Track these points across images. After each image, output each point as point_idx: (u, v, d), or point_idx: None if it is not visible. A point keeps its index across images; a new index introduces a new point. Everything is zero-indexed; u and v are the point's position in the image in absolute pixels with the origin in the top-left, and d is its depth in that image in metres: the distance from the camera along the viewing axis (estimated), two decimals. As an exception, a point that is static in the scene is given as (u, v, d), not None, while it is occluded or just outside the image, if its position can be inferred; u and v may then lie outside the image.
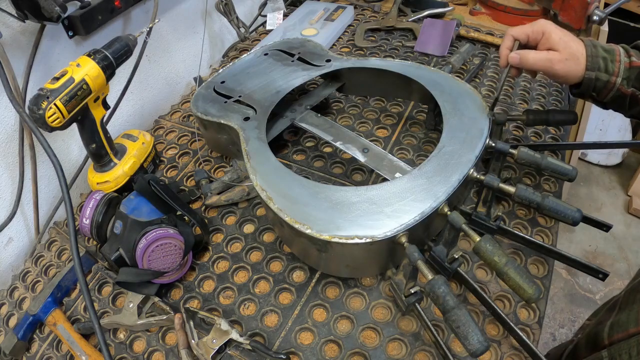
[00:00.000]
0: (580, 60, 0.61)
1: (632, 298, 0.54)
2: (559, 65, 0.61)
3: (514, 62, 0.65)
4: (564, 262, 0.63)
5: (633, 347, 0.48)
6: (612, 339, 0.52)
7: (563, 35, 0.62)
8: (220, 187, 0.79)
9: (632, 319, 0.51)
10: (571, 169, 0.64)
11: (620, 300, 0.57)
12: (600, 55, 0.61)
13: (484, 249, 0.52)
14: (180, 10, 1.06)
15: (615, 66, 0.61)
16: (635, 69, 0.61)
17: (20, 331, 0.64)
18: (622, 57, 0.61)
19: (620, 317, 0.53)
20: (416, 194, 0.58)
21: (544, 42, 0.63)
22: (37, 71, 0.76)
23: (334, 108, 0.95)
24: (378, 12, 1.27)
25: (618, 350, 0.50)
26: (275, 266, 0.69)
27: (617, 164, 2.26)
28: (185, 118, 1.01)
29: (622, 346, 0.49)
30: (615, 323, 0.54)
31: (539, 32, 0.63)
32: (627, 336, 0.50)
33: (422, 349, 0.57)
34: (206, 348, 0.58)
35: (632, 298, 0.54)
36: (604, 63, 0.61)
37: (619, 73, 0.61)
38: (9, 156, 0.77)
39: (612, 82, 0.61)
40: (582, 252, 1.93)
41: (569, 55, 0.61)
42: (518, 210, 0.72)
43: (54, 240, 0.80)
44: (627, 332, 0.50)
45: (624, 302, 0.56)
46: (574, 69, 0.61)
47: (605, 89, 0.62)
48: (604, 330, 0.54)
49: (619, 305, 0.57)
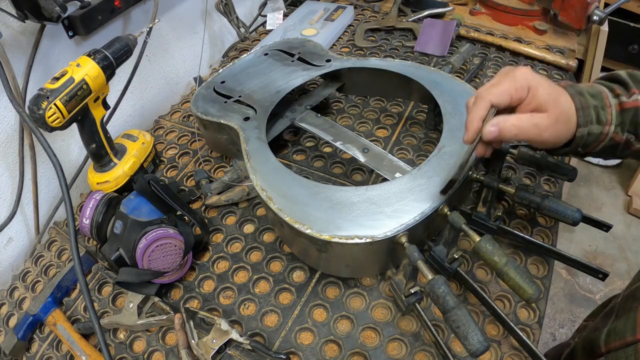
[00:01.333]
0: (571, 118, 0.49)
1: (628, 305, 0.52)
2: (547, 131, 0.48)
3: (490, 137, 0.48)
4: (564, 262, 0.63)
5: (630, 356, 0.47)
6: (609, 347, 0.52)
7: (551, 90, 0.48)
8: (220, 187, 0.79)
9: (629, 327, 0.50)
10: (571, 168, 0.64)
11: (617, 306, 0.56)
12: (590, 104, 0.49)
13: (484, 249, 0.52)
14: (180, 10, 1.06)
15: (607, 113, 0.50)
16: (629, 112, 0.50)
17: (20, 331, 0.64)
18: (611, 100, 0.50)
19: (617, 324, 0.52)
20: (416, 194, 0.58)
21: (530, 100, 0.48)
22: (37, 71, 0.76)
23: (334, 108, 0.95)
24: (378, 12, 1.27)
25: (615, 358, 0.49)
26: (275, 266, 0.69)
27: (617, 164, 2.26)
28: (185, 118, 1.01)
29: (620, 355, 0.49)
30: (612, 330, 0.53)
31: (524, 89, 0.48)
32: (624, 345, 0.49)
33: (422, 349, 0.57)
34: (206, 348, 0.58)
35: (629, 305, 0.52)
36: (595, 113, 0.49)
37: (612, 121, 0.50)
38: (9, 156, 0.77)
39: (604, 133, 0.50)
40: (582, 252, 1.93)
41: (559, 115, 0.48)
42: (518, 210, 0.72)
43: (54, 240, 0.80)
44: (624, 341, 0.49)
45: (620, 309, 0.54)
46: (565, 130, 0.49)
47: (596, 142, 0.51)
48: (601, 337, 0.54)
49: (616, 312, 0.55)
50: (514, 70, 0.49)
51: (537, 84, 0.48)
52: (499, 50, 1.07)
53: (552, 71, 1.00)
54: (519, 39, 1.09)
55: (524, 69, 0.49)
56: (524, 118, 0.48)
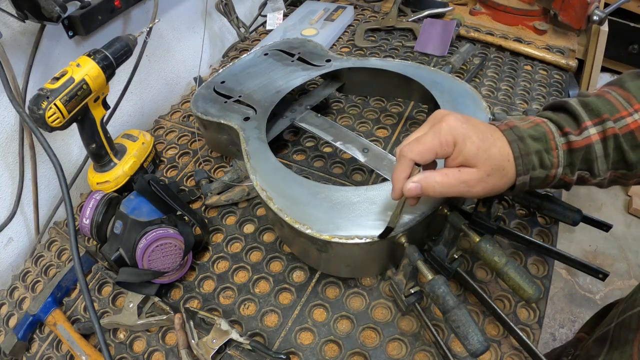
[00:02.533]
0: (507, 169, 0.46)
1: (623, 337, 0.48)
2: (478, 186, 0.46)
3: (413, 194, 0.47)
4: (564, 262, 0.63)
5: None
6: None
7: (481, 142, 0.45)
8: (220, 187, 0.79)
9: None
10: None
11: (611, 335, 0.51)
12: (532, 150, 0.46)
13: (484, 249, 0.52)
14: (180, 10, 1.06)
15: (553, 156, 0.47)
16: (579, 151, 0.47)
17: (20, 331, 0.64)
18: (557, 141, 0.47)
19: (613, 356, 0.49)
20: (416, 194, 0.58)
21: (456, 155, 0.45)
22: (37, 71, 0.76)
23: (334, 108, 0.95)
24: (378, 12, 1.27)
25: None
26: (275, 266, 0.69)
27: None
28: (185, 118, 1.01)
29: None
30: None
31: (449, 144, 0.45)
32: None
33: (422, 349, 0.57)
34: (206, 348, 0.58)
35: (624, 337, 0.48)
36: (538, 158, 0.47)
37: (559, 163, 0.47)
38: (9, 156, 0.77)
39: (551, 176, 0.48)
40: (582, 252, 1.93)
41: (491, 169, 0.45)
42: (518, 210, 0.72)
43: (54, 240, 0.80)
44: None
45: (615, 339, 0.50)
46: (500, 182, 0.46)
47: (544, 183, 0.49)
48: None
49: (610, 340, 0.51)
50: (441, 121, 0.46)
51: (463, 138, 0.45)
52: (499, 50, 1.07)
53: (552, 71, 1.00)
54: (519, 39, 1.09)
55: (451, 120, 0.45)
56: (450, 174, 0.46)
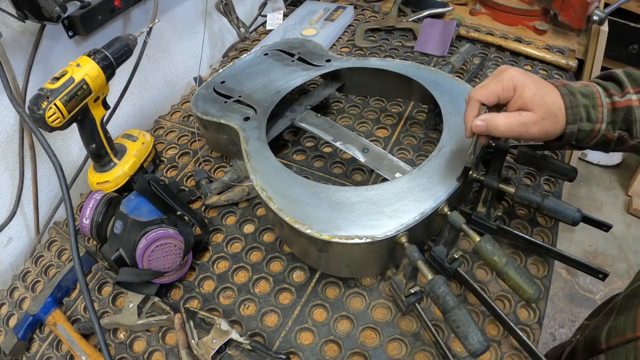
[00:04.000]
0: (559, 116, 0.53)
1: (629, 303, 0.53)
2: (534, 128, 0.52)
3: (479, 131, 0.54)
4: (564, 262, 0.63)
5: (630, 353, 0.48)
6: (610, 344, 0.52)
7: (538, 90, 0.52)
8: (220, 187, 0.79)
9: (630, 324, 0.50)
10: (571, 169, 0.64)
11: (618, 305, 0.57)
12: (580, 103, 0.53)
13: (484, 249, 0.52)
14: (180, 10, 1.06)
15: (598, 112, 0.53)
16: (621, 111, 0.53)
17: (20, 331, 0.64)
18: (603, 100, 0.54)
19: (618, 321, 0.53)
20: (416, 194, 0.58)
21: (516, 99, 0.53)
22: (37, 71, 0.76)
23: (334, 108, 0.95)
24: (378, 12, 1.27)
25: (615, 355, 0.50)
26: (275, 266, 0.69)
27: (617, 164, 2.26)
28: (185, 118, 1.01)
29: (620, 351, 0.49)
30: (612, 328, 0.53)
31: (510, 89, 0.52)
32: (624, 341, 0.50)
33: (422, 349, 0.57)
34: (206, 348, 0.58)
35: (630, 303, 0.53)
36: (585, 111, 0.53)
37: (602, 119, 0.53)
38: (9, 156, 0.77)
39: (596, 130, 0.54)
40: (582, 252, 1.93)
41: (546, 113, 0.52)
42: (518, 210, 0.72)
43: (54, 240, 0.80)
44: (624, 337, 0.50)
45: (621, 307, 0.55)
46: (552, 127, 0.53)
47: (589, 137, 0.55)
48: (602, 334, 0.54)
49: (617, 310, 0.56)
50: (504, 72, 0.53)
51: (522, 85, 0.52)
52: (499, 50, 1.07)
53: (552, 71, 1.00)
54: (519, 39, 1.09)
55: (512, 71, 0.53)
56: (511, 116, 0.53)
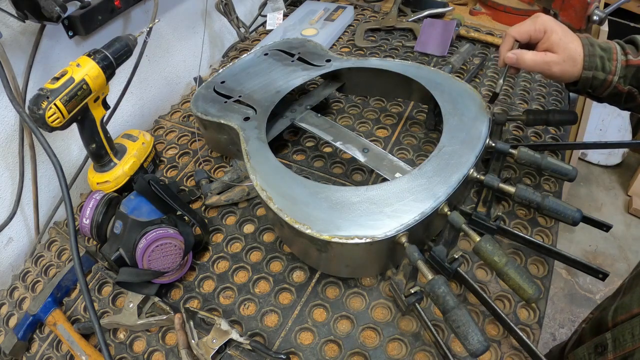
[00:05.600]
0: (578, 60, 0.62)
1: (635, 282, 0.56)
2: (556, 67, 0.62)
3: (510, 62, 0.65)
4: (564, 262, 0.63)
5: (636, 327, 0.49)
6: (616, 321, 0.54)
7: (563, 36, 0.62)
8: (220, 187, 0.79)
9: (635, 299, 0.52)
10: (571, 169, 0.64)
11: (624, 286, 0.59)
12: (597, 54, 0.62)
13: (484, 249, 0.52)
14: (180, 10, 1.06)
15: (612, 65, 0.62)
16: (632, 68, 0.61)
17: (20, 331, 0.64)
18: (618, 56, 0.62)
19: (624, 299, 0.55)
20: (416, 194, 0.58)
21: (545, 41, 0.63)
22: (37, 71, 0.76)
23: (334, 108, 0.95)
24: (378, 12, 1.27)
25: (621, 330, 0.51)
26: (275, 266, 0.69)
27: (617, 164, 2.26)
28: (185, 118, 1.01)
29: (625, 326, 0.51)
30: (619, 306, 0.55)
31: (541, 31, 0.63)
32: (630, 317, 0.51)
33: (422, 349, 0.57)
34: (206, 348, 0.58)
35: (636, 282, 0.55)
36: (601, 62, 0.62)
37: (615, 72, 0.62)
38: (9, 156, 0.77)
39: (608, 81, 0.62)
40: (582, 252, 1.93)
41: (567, 56, 0.62)
42: (518, 210, 0.72)
43: (54, 240, 0.80)
44: (630, 313, 0.51)
45: (627, 287, 0.58)
46: (571, 70, 0.62)
47: (602, 87, 0.63)
48: (609, 314, 0.56)
49: (623, 290, 0.58)
50: (538, 17, 0.64)
51: (551, 30, 0.63)
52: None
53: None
54: (519, 39, 1.09)
55: (545, 17, 0.64)
56: (538, 54, 0.63)
